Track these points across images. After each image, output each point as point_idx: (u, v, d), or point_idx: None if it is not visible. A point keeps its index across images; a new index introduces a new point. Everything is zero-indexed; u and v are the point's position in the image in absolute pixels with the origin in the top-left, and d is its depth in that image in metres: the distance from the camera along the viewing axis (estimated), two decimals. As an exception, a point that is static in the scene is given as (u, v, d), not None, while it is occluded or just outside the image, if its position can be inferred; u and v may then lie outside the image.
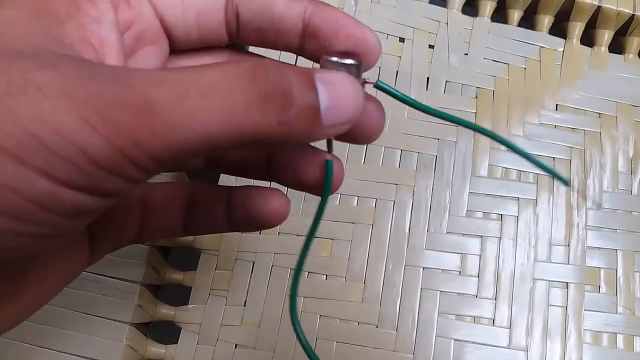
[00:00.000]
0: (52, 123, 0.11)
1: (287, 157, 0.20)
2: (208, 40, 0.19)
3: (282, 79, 0.14)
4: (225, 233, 0.30)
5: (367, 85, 0.17)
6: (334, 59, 0.17)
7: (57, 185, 0.12)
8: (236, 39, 0.19)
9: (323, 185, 0.19)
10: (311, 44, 0.18)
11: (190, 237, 0.31)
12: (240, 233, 0.31)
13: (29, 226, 0.12)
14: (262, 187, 0.20)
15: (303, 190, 0.20)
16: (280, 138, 0.14)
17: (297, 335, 0.20)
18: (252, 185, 0.21)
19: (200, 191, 0.21)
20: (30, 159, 0.11)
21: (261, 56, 0.20)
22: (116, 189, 0.13)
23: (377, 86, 0.17)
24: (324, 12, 0.18)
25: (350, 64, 0.17)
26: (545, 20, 0.37)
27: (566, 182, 0.21)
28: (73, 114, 0.11)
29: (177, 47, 0.19)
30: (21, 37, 0.13)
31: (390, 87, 0.18)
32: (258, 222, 0.20)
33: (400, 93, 0.18)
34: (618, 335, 0.30)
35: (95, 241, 0.19)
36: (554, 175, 0.20)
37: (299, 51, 0.19)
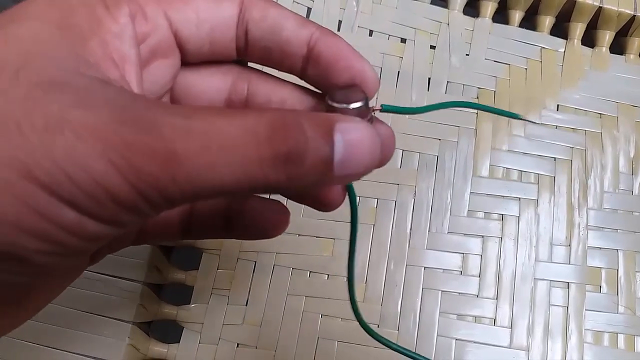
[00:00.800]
0: (83, 164, 0.13)
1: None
2: (218, 55, 0.19)
3: (298, 139, 0.14)
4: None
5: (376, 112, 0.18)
6: (341, 105, 0.17)
7: (83, 216, 0.13)
8: (243, 55, 0.19)
9: (350, 206, 0.20)
10: (313, 69, 0.19)
11: (193, 237, 0.31)
12: (242, 233, 0.31)
13: (57, 248, 0.14)
14: (263, 197, 0.21)
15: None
16: (289, 187, 0.15)
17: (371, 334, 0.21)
18: (253, 196, 0.21)
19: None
20: (61, 192, 0.13)
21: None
22: (130, 221, 0.14)
23: (383, 110, 0.18)
24: (329, 40, 0.18)
25: (359, 105, 0.17)
26: (547, 21, 0.37)
27: (517, 116, 0.21)
28: (102, 158, 0.13)
29: (188, 60, 0.19)
30: (49, 57, 0.14)
31: (395, 107, 0.19)
32: (257, 232, 0.21)
33: (406, 108, 0.19)
34: (619, 335, 0.30)
35: None
36: (502, 113, 0.20)
37: (301, 74, 0.19)
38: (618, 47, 0.37)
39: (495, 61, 0.35)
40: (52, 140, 0.12)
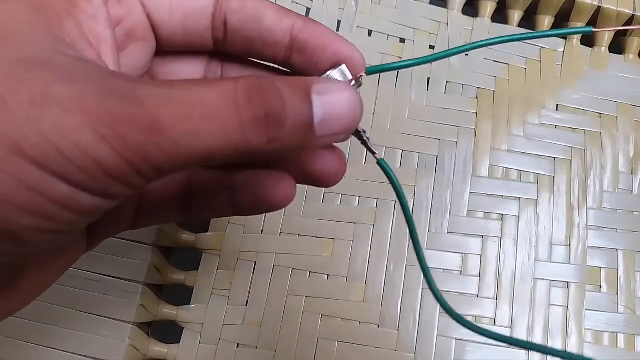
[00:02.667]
0: (71, 136, 0.13)
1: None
2: (193, 44, 0.19)
3: (275, 101, 0.15)
4: (227, 233, 0.31)
5: (362, 78, 0.19)
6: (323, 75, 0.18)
7: (75, 189, 0.13)
8: (222, 46, 0.19)
9: (393, 186, 0.20)
10: (298, 58, 0.19)
11: (192, 237, 0.31)
12: (242, 233, 0.31)
13: (51, 224, 0.14)
14: (269, 170, 0.20)
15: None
16: (272, 152, 0.15)
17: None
18: (257, 169, 0.21)
19: (199, 175, 0.21)
20: (52, 166, 0.13)
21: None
22: (121, 193, 0.14)
23: (368, 73, 0.19)
24: (312, 28, 0.19)
25: (340, 72, 0.18)
26: (546, 21, 0.37)
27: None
28: (90, 130, 0.13)
29: (163, 47, 0.19)
30: (28, 37, 0.14)
31: (380, 66, 0.19)
32: (264, 206, 0.20)
33: (392, 64, 0.19)
34: (619, 334, 0.30)
35: (93, 228, 0.19)
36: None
37: (284, 64, 0.19)
38: (617, 46, 0.37)
39: (494, 61, 0.35)
40: (39, 115, 0.12)
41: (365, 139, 0.19)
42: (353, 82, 0.19)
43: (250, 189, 0.20)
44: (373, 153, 0.19)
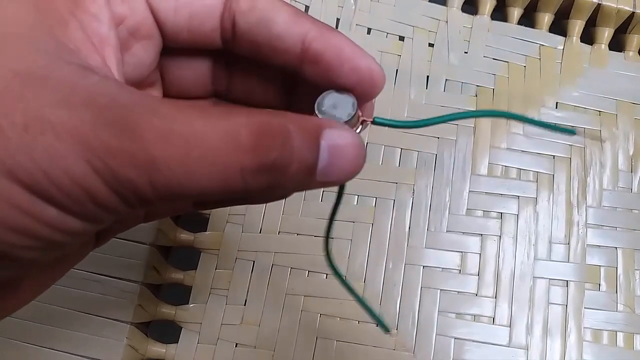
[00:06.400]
0: (63, 165, 0.13)
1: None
2: (199, 44, 0.18)
3: (284, 149, 0.14)
4: (225, 232, 0.30)
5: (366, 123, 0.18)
6: (329, 111, 0.17)
7: (64, 213, 0.13)
8: (231, 47, 0.18)
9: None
10: (311, 70, 0.17)
11: (191, 237, 0.31)
12: (240, 232, 0.31)
13: (42, 243, 0.14)
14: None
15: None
16: (268, 194, 0.15)
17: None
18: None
19: None
20: (42, 192, 0.13)
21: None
22: (109, 219, 0.14)
23: (375, 123, 0.18)
24: (328, 38, 0.17)
25: (348, 119, 0.17)
26: (545, 18, 0.36)
27: (573, 132, 0.20)
28: (82, 160, 0.13)
29: (168, 45, 0.18)
30: (28, 41, 0.14)
31: (388, 120, 0.18)
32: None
33: (399, 122, 0.18)
34: (618, 333, 0.30)
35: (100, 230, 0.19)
36: (560, 130, 0.20)
37: (296, 72, 0.18)
38: (617, 44, 0.37)
39: (493, 59, 0.35)
40: (33, 141, 0.12)
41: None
42: (359, 127, 0.17)
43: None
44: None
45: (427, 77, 0.34)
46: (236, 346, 0.29)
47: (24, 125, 0.12)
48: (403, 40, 0.35)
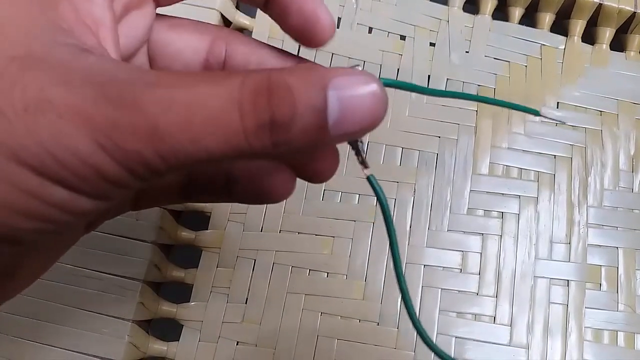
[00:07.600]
0: (68, 145, 0.12)
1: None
2: None
3: (282, 104, 0.13)
4: (226, 230, 0.31)
5: None
6: None
7: (74, 193, 0.13)
8: None
9: (379, 203, 0.17)
10: (272, 10, 0.18)
11: (192, 235, 0.31)
12: (241, 230, 0.31)
13: (50, 226, 0.14)
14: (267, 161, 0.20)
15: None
16: (279, 154, 0.14)
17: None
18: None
19: None
20: (50, 173, 0.13)
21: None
22: (120, 194, 0.14)
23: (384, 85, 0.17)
24: None
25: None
26: (547, 18, 0.37)
27: (537, 112, 0.20)
28: (88, 138, 0.12)
29: (161, 4, 0.18)
30: (23, 25, 0.13)
31: (398, 82, 0.17)
32: (262, 197, 0.20)
33: (408, 84, 0.18)
34: (619, 332, 0.30)
35: None
36: (521, 109, 0.19)
37: (264, 10, 0.19)
38: (618, 44, 0.37)
39: (495, 58, 0.35)
40: (35, 122, 0.12)
41: (361, 150, 0.17)
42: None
43: (248, 178, 0.20)
44: (365, 167, 0.17)
45: (429, 76, 0.34)
46: (237, 344, 0.29)
47: (24, 107, 0.12)
48: (404, 40, 0.35)
